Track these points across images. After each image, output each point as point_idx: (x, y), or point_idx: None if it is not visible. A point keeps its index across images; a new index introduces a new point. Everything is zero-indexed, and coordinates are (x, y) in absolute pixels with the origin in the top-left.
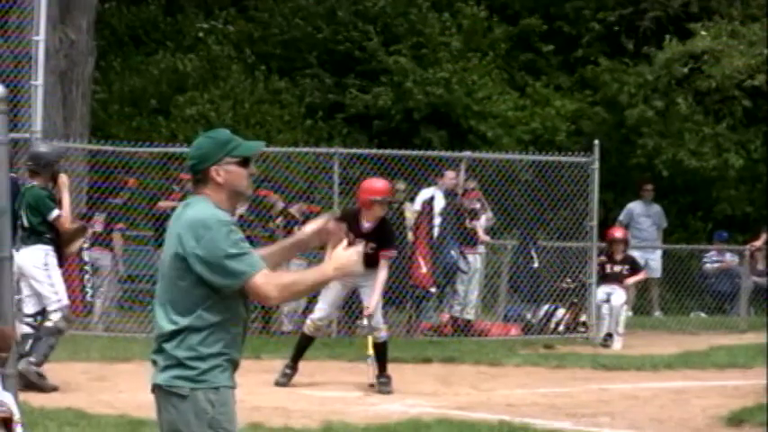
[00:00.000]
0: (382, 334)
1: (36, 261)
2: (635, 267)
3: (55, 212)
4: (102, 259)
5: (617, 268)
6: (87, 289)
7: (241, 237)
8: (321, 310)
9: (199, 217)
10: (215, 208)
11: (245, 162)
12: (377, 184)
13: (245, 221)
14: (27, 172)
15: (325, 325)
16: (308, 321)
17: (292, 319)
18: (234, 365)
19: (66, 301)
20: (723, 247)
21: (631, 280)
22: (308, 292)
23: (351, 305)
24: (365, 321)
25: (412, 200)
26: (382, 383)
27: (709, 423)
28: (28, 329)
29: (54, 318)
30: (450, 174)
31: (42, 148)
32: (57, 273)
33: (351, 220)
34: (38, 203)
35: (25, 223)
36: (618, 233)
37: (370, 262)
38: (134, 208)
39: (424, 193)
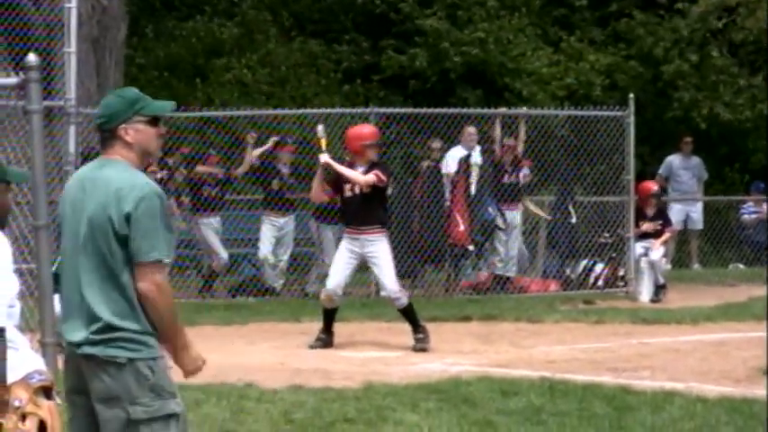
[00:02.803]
0: (401, 300)
1: None
2: (666, 222)
3: None
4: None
5: (650, 225)
6: None
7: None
8: (331, 280)
9: (131, 183)
10: (143, 176)
11: (154, 121)
12: (364, 129)
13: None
14: None
15: (337, 295)
16: (322, 294)
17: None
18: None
19: None
20: (761, 198)
21: (658, 242)
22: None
23: None
24: (382, 293)
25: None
26: (419, 340)
27: (750, 374)
28: None
29: None
30: (469, 129)
31: None
32: None
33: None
34: None
35: None
36: (648, 188)
37: (367, 205)
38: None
39: (453, 152)
